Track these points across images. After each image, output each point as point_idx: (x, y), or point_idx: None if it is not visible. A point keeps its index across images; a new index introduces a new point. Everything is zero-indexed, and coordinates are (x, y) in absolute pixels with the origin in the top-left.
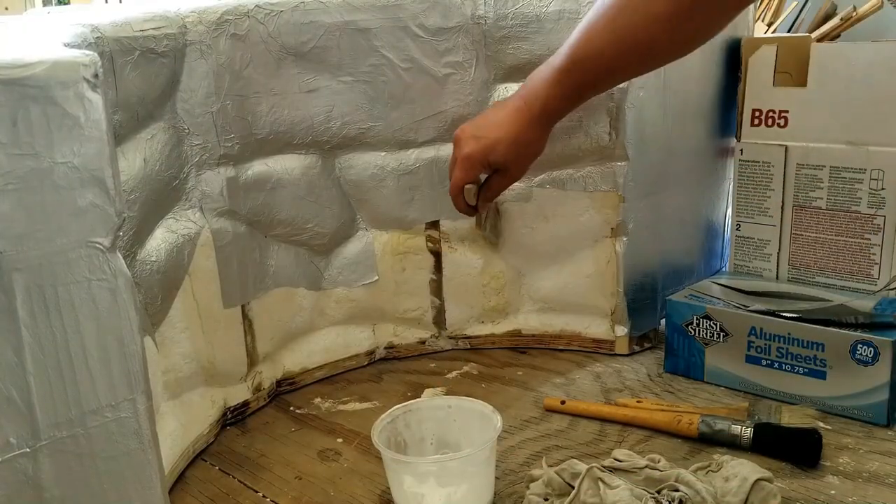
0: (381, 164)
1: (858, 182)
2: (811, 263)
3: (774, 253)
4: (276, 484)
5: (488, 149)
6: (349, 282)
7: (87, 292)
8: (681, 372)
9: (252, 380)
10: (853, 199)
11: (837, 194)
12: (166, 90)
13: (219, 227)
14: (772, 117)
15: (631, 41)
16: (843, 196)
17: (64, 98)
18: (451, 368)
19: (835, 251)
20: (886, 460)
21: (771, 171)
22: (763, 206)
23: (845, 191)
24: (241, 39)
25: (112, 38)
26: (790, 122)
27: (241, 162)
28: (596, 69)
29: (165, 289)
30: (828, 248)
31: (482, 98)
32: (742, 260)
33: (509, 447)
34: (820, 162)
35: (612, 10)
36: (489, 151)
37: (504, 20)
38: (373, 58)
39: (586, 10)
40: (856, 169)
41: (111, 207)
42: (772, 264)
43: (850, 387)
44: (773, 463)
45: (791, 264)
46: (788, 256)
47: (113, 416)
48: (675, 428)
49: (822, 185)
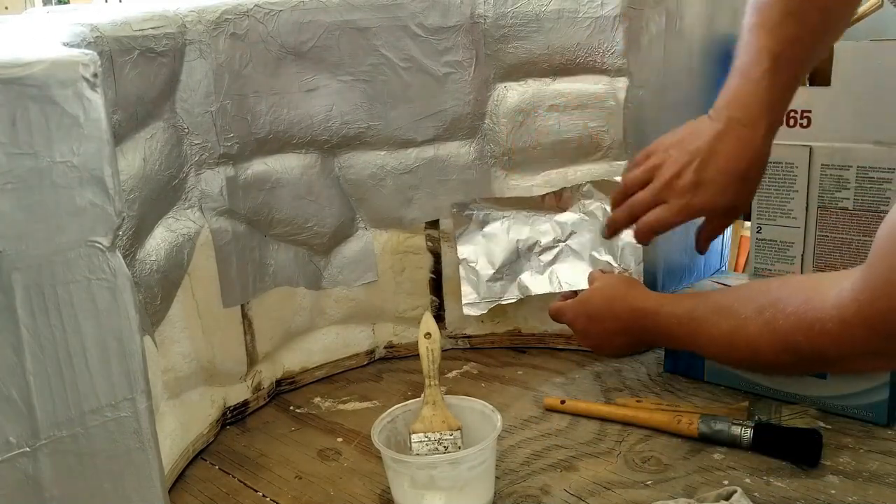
0: (380, 163)
1: (887, 182)
2: (837, 265)
3: (798, 255)
4: (276, 483)
5: (713, 203)
6: (349, 281)
7: (86, 292)
8: (681, 371)
9: (252, 379)
10: (881, 199)
11: (865, 195)
12: (165, 89)
13: (218, 227)
14: (794, 117)
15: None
16: (871, 196)
17: (63, 97)
18: (450, 368)
19: (862, 252)
20: (886, 460)
21: (794, 172)
22: (786, 207)
23: (873, 191)
24: (241, 39)
25: (111, 37)
26: (813, 122)
27: (240, 161)
28: (802, 46)
29: (165, 288)
30: (854, 248)
31: (481, 97)
32: (763, 263)
33: (509, 447)
34: (846, 162)
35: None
36: (715, 206)
37: (503, 19)
38: (372, 57)
39: (586, 10)
40: (884, 168)
41: (110, 207)
42: (795, 267)
43: (850, 386)
44: (773, 463)
45: (816, 266)
46: (813, 258)
47: (113, 415)
48: (675, 428)
49: (850, 185)
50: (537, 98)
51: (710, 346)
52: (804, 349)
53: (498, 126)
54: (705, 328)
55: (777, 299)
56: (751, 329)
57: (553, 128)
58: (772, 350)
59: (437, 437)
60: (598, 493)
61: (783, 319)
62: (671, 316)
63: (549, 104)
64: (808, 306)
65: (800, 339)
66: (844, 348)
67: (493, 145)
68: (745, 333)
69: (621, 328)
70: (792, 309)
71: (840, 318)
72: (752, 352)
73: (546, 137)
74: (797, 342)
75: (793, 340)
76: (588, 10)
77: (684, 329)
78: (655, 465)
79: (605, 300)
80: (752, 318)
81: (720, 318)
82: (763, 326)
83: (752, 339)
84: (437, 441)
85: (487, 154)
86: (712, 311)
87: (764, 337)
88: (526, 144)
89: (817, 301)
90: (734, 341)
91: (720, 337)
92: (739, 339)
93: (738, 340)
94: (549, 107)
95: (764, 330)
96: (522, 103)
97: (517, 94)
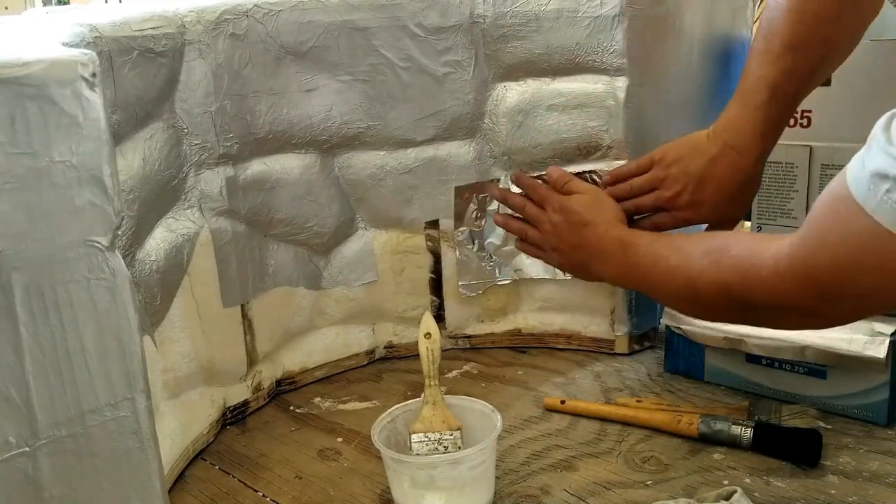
0: (380, 163)
1: None
2: None
3: None
4: (276, 483)
5: (708, 218)
6: (349, 281)
7: (85, 291)
8: (681, 371)
9: (252, 379)
10: None
11: None
12: (165, 90)
13: (218, 227)
14: (794, 117)
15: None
16: None
17: (62, 97)
18: (450, 368)
19: None
20: (886, 460)
21: (794, 172)
22: (786, 207)
23: None
24: (240, 39)
25: (111, 37)
26: (813, 122)
27: (240, 161)
28: (801, 79)
29: (165, 288)
30: None
31: (481, 97)
32: None
33: (509, 447)
34: (846, 162)
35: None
36: (709, 220)
37: (503, 19)
38: (371, 57)
39: (585, 9)
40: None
41: (110, 206)
42: None
43: (850, 386)
44: (773, 463)
45: None
46: None
47: (112, 415)
48: (675, 428)
49: None
50: (537, 98)
51: (660, 282)
52: (737, 293)
53: (497, 126)
54: (660, 262)
55: (724, 244)
56: (695, 266)
57: (553, 128)
58: (708, 290)
59: (437, 437)
60: (598, 493)
61: (725, 261)
62: (639, 246)
63: (548, 104)
64: (749, 252)
65: (734, 282)
66: (774, 298)
67: (492, 145)
68: (688, 270)
69: (595, 248)
70: (734, 252)
71: (773, 269)
72: (693, 290)
73: (546, 137)
74: (731, 284)
75: (728, 282)
76: (587, 9)
77: (646, 260)
78: (655, 465)
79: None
80: (697, 257)
81: (671, 252)
82: (706, 266)
83: (693, 277)
84: (437, 441)
85: (487, 154)
86: (667, 247)
87: (704, 276)
88: (525, 144)
89: (757, 250)
90: (677, 276)
91: (666, 270)
92: (682, 275)
93: (681, 276)
94: (549, 106)
95: (706, 269)
96: (522, 103)
97: (517, 94)
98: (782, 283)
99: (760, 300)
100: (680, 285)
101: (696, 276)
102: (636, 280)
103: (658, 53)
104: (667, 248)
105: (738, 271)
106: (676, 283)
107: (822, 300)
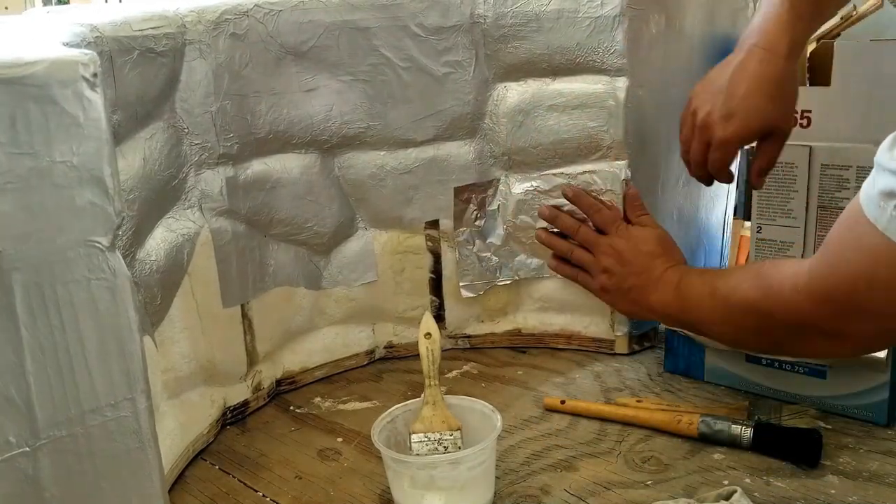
0: (380, 163)
1: None
2: None
3: (798, 255)
4: (276, 483)
5: (748, 129)
6: (349, 281)
7: (86, 291)
8: (681, 371)
9: (252, 379)
10: None
11: None
12: (165, 90)
13: (218, 227)
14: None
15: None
16: None
17: (63, 97)
18: (450, 368)
19: None
20: (886, 460)
21: (794, 171)
22: (786, 207)
23: None
24: (241, 39)
25: (111, 37)
26: (813, 122)
27: (240, 161)
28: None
29: (165, 288)
30: None
31: (481, 97)
32: None
33: (509, 447)
34: (846, 162)
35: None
36: (751, 131)
37: (503, 19)
38: (372, 57)
39: (585, 9)
40: None
41: (110, 206)
42: None
43: (850, 386)
44: (773, 463)
45: None
46: None
47: (112, 415)
48: (675, 428)
49: (850, 185)
50: (537, 98)
51: (699, 304)
52: (763, 310)
53: (498, 126)
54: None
55: (760, 265)
56: (731, 282)
57: (553, 128)
58: (738, 308)
59: (437, 437)
60: (598, 493)
61: (754, 280)
62: (692, 274)
63: (548, 104)
64: (775, 271)
65: (760, 300)
66: (793, 316)
67: (492, 145)
68: (725, 285)
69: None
70: (763, 271)
71: (793, 286)
72: (726, 308)
73: (546, 137)
74: (758, 302)
75: (755, 300)
76: (588, 9)
77: (697, 289)
78: (655, 465)
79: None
80: (736, 273)
81: (718, 277)
82: (740, 282)
83: (727, 295)
84: (437, 441)
85: (487, 154)
86: (719, 276)
87: (737, 292)
88: (526, 144)
89: (783, 268)
90: (716, 297)
91: (712, 293)
92: (720, 296)
93: (719, 297)
94: (549, 107)
95: (739, 284)
96: (522, 103)
97: (517, 94)
98: (800, 299)
99: (781, 318)
100: (717, 305)
101: (730, 292)
102: (687, 307)
103: (658, 54)
104: (719, 277)
105: (763, 288)
106: (714, 302)
107: (839, 316)
